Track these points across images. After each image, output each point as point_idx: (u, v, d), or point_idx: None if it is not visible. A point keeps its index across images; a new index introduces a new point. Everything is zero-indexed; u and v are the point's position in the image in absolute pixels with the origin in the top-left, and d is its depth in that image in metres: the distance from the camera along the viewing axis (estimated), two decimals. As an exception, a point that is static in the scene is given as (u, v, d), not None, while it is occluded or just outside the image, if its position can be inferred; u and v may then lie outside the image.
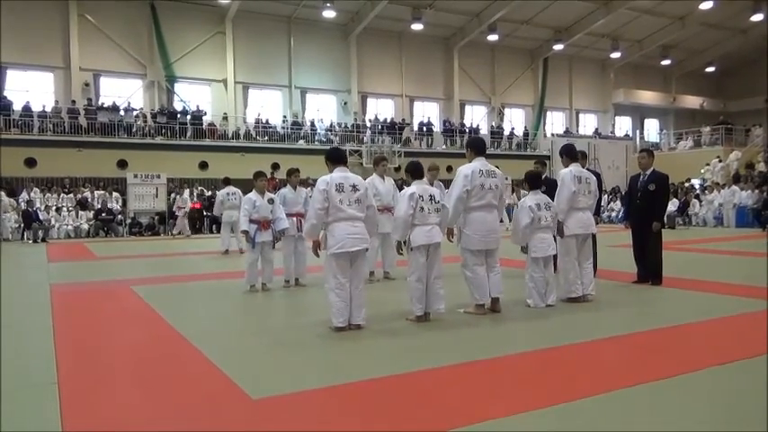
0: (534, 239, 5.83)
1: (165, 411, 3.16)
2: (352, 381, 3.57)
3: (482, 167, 5.48)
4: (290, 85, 27.39)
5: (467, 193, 5.41)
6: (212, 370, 3.88)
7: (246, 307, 6.62)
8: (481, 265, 5.46)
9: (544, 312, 5.60)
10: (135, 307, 6.42)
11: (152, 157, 22.09)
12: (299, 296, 7.12)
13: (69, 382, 3.66)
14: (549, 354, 4.18)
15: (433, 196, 5.29)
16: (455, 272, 7.36)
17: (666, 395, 3.27)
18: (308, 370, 3.90)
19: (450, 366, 3.84)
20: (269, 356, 4.28)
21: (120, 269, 10.16)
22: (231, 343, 4.72)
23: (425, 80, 30.38)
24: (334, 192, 4.89)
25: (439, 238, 5.24)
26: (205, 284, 8.13)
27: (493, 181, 5.48)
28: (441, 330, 4.93)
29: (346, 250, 4.85)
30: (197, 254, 13.14)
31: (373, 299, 5.96)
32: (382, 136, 27.37)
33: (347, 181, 4.96)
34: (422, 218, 5.21)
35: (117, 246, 15.67)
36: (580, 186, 6.13)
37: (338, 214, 4.90)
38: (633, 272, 7.44)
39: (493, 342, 4.61)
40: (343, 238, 4.86)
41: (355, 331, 4.87)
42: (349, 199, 4.91)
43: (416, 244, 5.17)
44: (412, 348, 4.40)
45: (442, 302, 5.25)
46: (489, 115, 32.49)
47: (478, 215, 5.44)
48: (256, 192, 7.33)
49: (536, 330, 4.98)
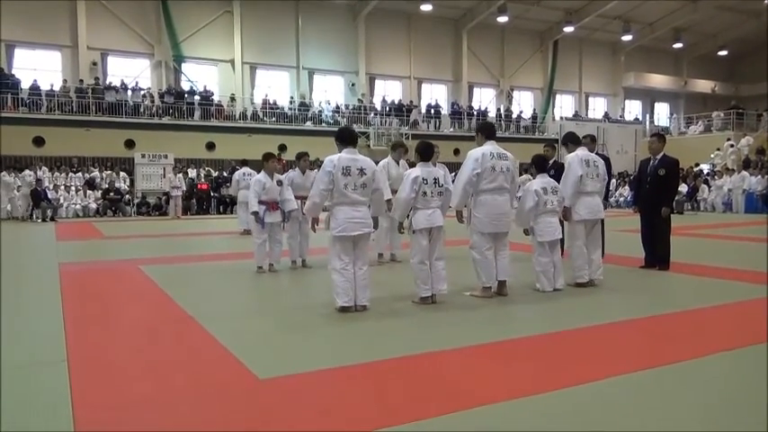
0: (540, 223, 5.80)
1: (172, 390, 3.18)
2: (358, 362, 3.58)
3: (493, 150, 5.43)
4: (297, 65, 27.23)
5: (477, 176, 5.36)
6: (219, 350, 3.90)
7: (254, 288, 6.65)
8: (489, 249, 5.45)
9: (551, 296, 5.60)
10: (143, 286, 6.46)
11: (159, 137, 22.12)
12: (305, 277, 7.14)
13: (78, 360, 3.70)
14: (555, 337, 4.17)
15: (437, 179, 5.24)
16: (459, 254, 7.35)
17: (674, 380, 3.26)
18: (315, 350, 3.91)
19: (455, 349, 3.84)
20: (276, 337, 4.30)
21: (129, 249, 10.22)
22: (239, 323, 4.74)
23: (434, 62, 30.12)
24: (341, 175, 4.84)
25: (440, 222, 5.22)
26: (213, 265, 8.16)
27: (504, 163, 5.42)
28: (446, 312, 4.94)
29: (348, 234, 4.87)
30: (205, 234, 13.20)
31: (380, 281, 5.98)
32: (390, 118, 27.24)
33: (355, 164, 4.89)
34: (424, 202, 5.19)
35: (125, 225, 15.76)
36: (588, 170, 6.05)
37: (342, 198, 4.88)
38: (641, 257, 7.40)
39: (499, 325, 4.61)
40: (345, 222, 4.86)
41: (361, 312, 4.88)
42: (354, 183, 4.86)
43: (418, 227, 5.18)
44: (417, 330, 4.41)
45: (443, 283, 5.26)
46: (498, 98, 32.22)
47: (489, 198, 5.39)
48: (266, 173, 7.32)
49: (542, 314, 4.98)
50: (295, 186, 7.65)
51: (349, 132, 5.13)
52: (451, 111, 29.51)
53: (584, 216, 6.02)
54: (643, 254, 7.37)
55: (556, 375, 3.35)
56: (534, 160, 6.09)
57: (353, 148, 5.02)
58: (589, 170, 6.06)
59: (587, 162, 6.08)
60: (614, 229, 10.94)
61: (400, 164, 7.92)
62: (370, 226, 4.98)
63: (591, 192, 6.07)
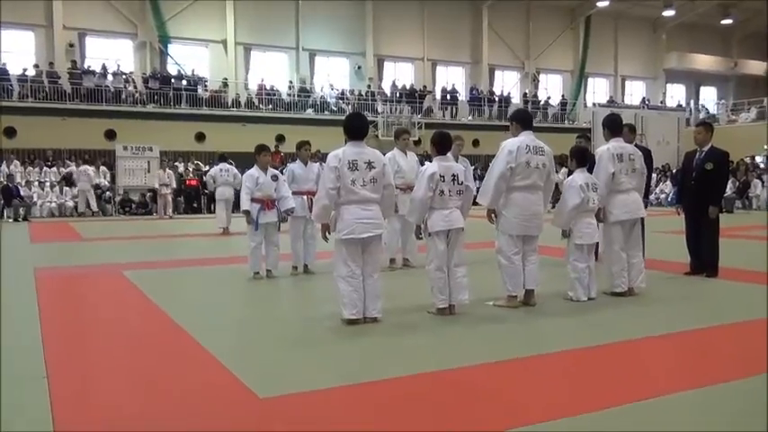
0: (580, 224, 5.76)
1: (163, 410, 3.22)
2: (367, 380, 3.60)
3: (529, 143, 5.42)
4: (297, 46, 27.31)
5: (510, 171, 5.35)
6: (214, 365, 3.94)
7: (250, 296, 6.70)
8: (517, 253, 5.45)
9: (584, 306, 5.59)
10: (127, 294, 6.53)
11: (143, 127, 22.25)
12: (308, 285, 7.18)
13: (59, 376, 3.75)
14: (589, 353, 4.18)
15: (456, 176, 5.20)
16: (481, 259, 7.36)
17: (720, 402, 3.26)
18: (320, 367, 3.94)
19: (475, 366, 3.86)
20: (277, 351, 4.33)
21: (110, 252, 10.32)
22: (234, 336, 4.79)
23: (450, 42, 30.09)
24: (347, 170, 4.82)
25: (460, 223, 5.21)
26: (204, 270, 8.23)
27: (540, 159, 5.41)
28: (466, 325, 4.95)
29: (356, 236, 4.84)
30: (195, 235, 13.29)
31: (392, 289, 6.00)
32: (400, 105, 27.26)
33: (362, 157, 4.87)
34: (441, 201, 5.16)
35: (106, 226, 15.89)
36: (621, 165, 5.99)
37: (349, 196, 4.85)
38: (685, 262, 7.38)
39: (525, 339, 4.62)
40: (353, 223, 4.83)
41: (371, 325, 4.90)
42: (363, 178, 4.84)
43: (434, 229, 5.16)
44: (433, 345, 4.44)
45: (465, 292, 5.26)
46: (522, 82, 32.14)
47: (520, 196, 5.39)
48: (258, 167, 7.35)
49: (574, 326, 4.98)
50: (297, 179, 7.67)
51: (357, 122, 5.12)
52: (470, 97, 29.48)
53: (621, 216, 5.99)
54: (688, 259, 7.34)
55: (592, 395, 3.36)
56: (574, 152, 6.07)
57: (360, 141, 5.01)
58: (623, 165, 6.01)
59: (620, 156, 6.02)
60: (655, 230, 10.89)
61: (408, 154, 7.93)
62: (381, 227, 4.98)
63: (626, 189, 6.03)
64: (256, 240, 7.30)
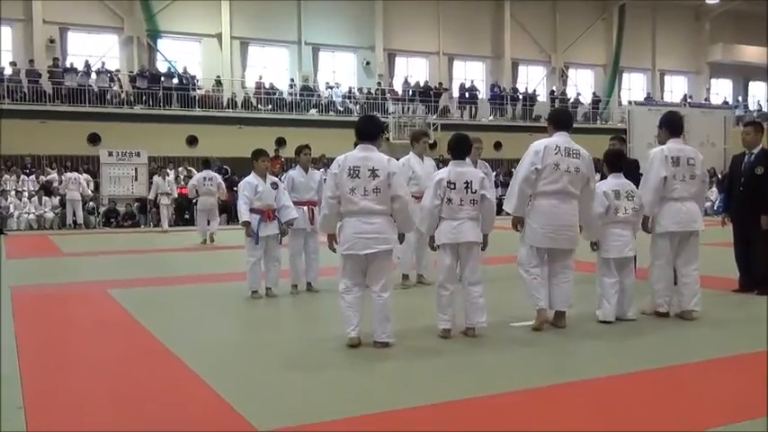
0: (607, 236, 5.73)
1: (151, 444, 3.23)
2: (376, 411, 3.60)
3: (561, 143, 5.38)
4: (299, 40, 27.48)
5: (536, 173, 5.32)
6: (208, 393, 3.95)
7: (248, 317, 6.72)
8: (537, 266, 5.43)
9: (618, 328, 5.55)
10: (112, 315, 6.56)
11: (130, 130, 22.39)
12: (311, 304, 7.19)
13: (38, 407, 3.77)
14: (617, 382, 4.15)
15: (469, 183, 5.17)
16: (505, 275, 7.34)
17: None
18: (324, 396, 3.94)
19: (491, 396, 3.85)
20: (276, 378, 4.34)
21: (94, 268, 10.39)
22: (230, 361, 4.80)
23: (469, 34, 30.16)
24: (346, 177, 4.82)
25: (471, 237, 5.18)
26: (198, 288, 8.26)
27: (573, 162, 5.34)
28: (484, 349, 4.95)
29: (355, 253, 4.86)
30: (187, 250, 13.35)
31: (404, 308, 6.00)
32: (413, 104, 27.32)
33: (366, 163, 4.84)
34: (449, 211, 5.17)
35: (89, 239, 15.98)
36: (677, 170, 5.86)
37: (348, 207, 4.86)
38: (734, 277, 7.32)
39: (545, 366, 4.59)
40: (352, 237, 4.84)
41: (381, 349, 4.90)
42: (365, 188, 4.80)
43: (440, 242, 5.23)
44: (447, 372, 4.44)
45: (482, 314, 5.23)
46: (549, 78, 32.14)
47: (546, 203, 5.34)
48: (256, 174, 7.38)
49: (603, 351, 4.95)
50: (297, 188, 7.67)
51: (368, 123, 5.14)
52: (491, 95, 29.50)
53: (669, 227, 5.88)
54: (736, 274, 7.28)
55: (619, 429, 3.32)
56: (606, 155, 6.07)
57: (370, 144, 4.99)
58: (679, 170, 5.87)
59: (676, 159, 5.88)
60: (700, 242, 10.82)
61: (425, 160, 7.94)
62: (388, 242, 4.90)
63: (680, 197, 5.89)
64: (256, 255, 7.32)
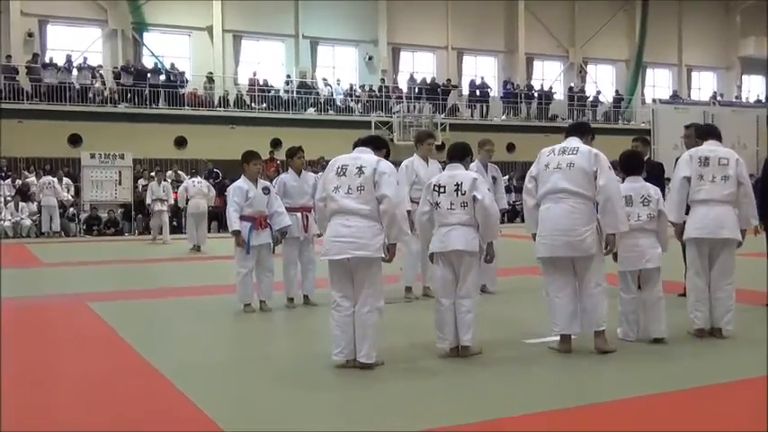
0: (622, 246, 5.63)
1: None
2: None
3: (559, 145, 5.41)
4: (296, 33, 27.54)
5: (533, 181, 5.38)
6: (195, 414, 3.96)
7: (238, 332, 6.74)
8: (552, 283, 5.36)
9: (635, 348, 5.48)
10: (93, 330, 6.58)
11: (114, 130, 22.44)
12: (306, 319, 7.20)
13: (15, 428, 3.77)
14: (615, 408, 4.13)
15: (459, 185, 5.14)
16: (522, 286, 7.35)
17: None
18: (321, 418, 3.96)
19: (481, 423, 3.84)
20: (266, 399, 4.35)
21: (75, 279, 10.41)
22: (220, 381, 4.80)
23: (479, 27, 30.20)
24: (333, 175, 4.89)
25: (459, 245, 5.09)
26: (185, 301, 8.28)
27: (566, 159, 5.27)
28: (484, 369, 4.95)
29: (329, 258, 4.83)
30: (174, 259, 13.38)
31: (405, 324, 6.00)
32: (420, 102, 27.34)
33: (354, 162, 4.88)
34: (438, 216, 5.19)
35: (69, 248, 16.02)
36: (705, 170, 5.81)
37: (330, 205, 4.91)
38: (766, 291, 7.30)
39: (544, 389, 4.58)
40: (328, 241, 4.84)
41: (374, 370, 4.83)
42: (348, 186, 4.81)
43: (430, 251, 5.27)
44: (441, 394, 4.45)
45: (467, 331, 5.12)
46: (566, 74, 32.16)
47: (543, 208, 5.34)
48: (247, 179, 7.39)
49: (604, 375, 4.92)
50: (289, 193, 7.64)
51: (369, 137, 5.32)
52: (503, 92, 29.53)
53: (692, 233, 5.80)
54: (770, 287, 7.26)
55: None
56: (622, 158, 6.04)
57: (368, 148, 5.06)
58: (707, 170, 5.81)
59: (704, 160, 5.84)
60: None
61: (429, 163, 7.94)
62: (366, 248, 4.74)
63: (707, 200, 5.81)
64: (247, 266, 7.29)
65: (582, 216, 5.19)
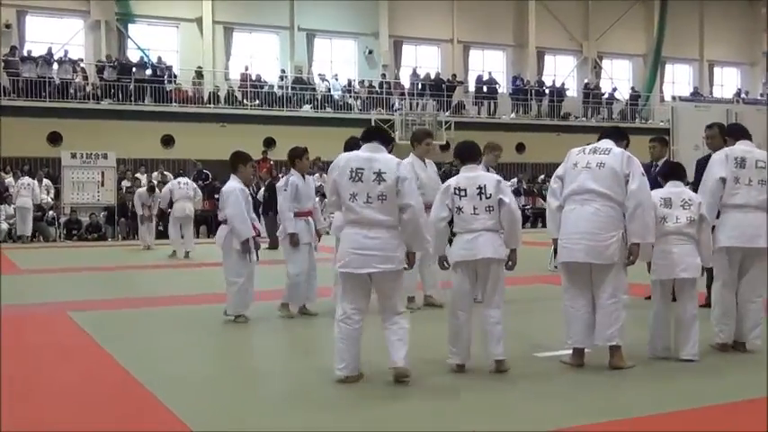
0: (656, 253, 5.57)
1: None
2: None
3: (590, 145, 5.43)
4: (291, 25, 27.56)
5: (558, 182, 5.36)
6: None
7: (231, 345, 6.74)
8: (568, 290, 5.36)
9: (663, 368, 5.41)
10: (74, 341, 6.58)
11: (96, 128, 22.46)
12: (304, 330, 7.22)
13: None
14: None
15: (483, 188, 5.13)
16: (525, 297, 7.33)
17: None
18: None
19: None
20: (268, 417, 4.34)
21: (54, 287, 10.42)
22: (210, 397, 4.80)
23: (487, 19, 30.21)
24: (347, 181, 4.79)
25: (489, 252, 5.09)
26: (173, 311, 8.29)
27: (596, 158, 5.25)
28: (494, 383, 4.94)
29: (350, 271, 4.82)
30: (160, 267, 13.38)
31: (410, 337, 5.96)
32: (423, 99, 27.35)
33: (371, 166, 4.80)
34: (462, 222, 5.14)
35: (48, 254, 16.03)
36: (741, 172, 5.75)
37: (348, 215, 4.86)
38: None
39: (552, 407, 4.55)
40: (348, 253, 4.81)
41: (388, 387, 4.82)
42: (368, 194, 4.75)
43: (453, 260, 5.20)
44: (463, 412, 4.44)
45: (498, 345, 5.14)
46: (580, 69, 32.18)
47: (568, 209, 5.30)
48: (239, 181, 7.46)
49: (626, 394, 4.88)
50: (299, 196, 7.67)
51: (374, 129, 5.25)
52: (513, 88, 29.53)
53: (726, 242, 5.75)
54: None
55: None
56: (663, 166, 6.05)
57: (380, 145, 4.99)
58: (743, 172, 5.76)
59: (741, 161, 5.78)
60: None
61: (427, 163, 7.97)
62: (393, 260, 4.79)
63: (742, 205, 5.77)
64: (243, 274, 7.37)
65: (608, 220, 5.16)
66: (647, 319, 5.74)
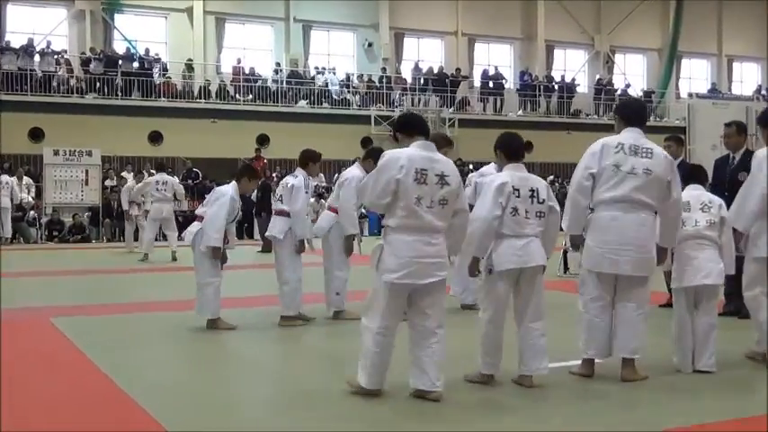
0: (675, 259, 5.58)
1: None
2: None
3: (626, 140, 5.21)
4: (287, 16, 27.60)
5: (591, 179, 5.16)
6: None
7: (220, 352, 6.74)
8: (597, 300, 5.26)
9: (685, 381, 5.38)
10: (56, 349, 6.58)
11: (80, 124, 22.51)
12: (301, 337, 7.23)
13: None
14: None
15: (536, 191, 5.02)
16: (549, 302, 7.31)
17: None
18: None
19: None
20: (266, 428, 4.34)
21: (35, 292, 10.41)
22: (200, 407, 4.80)
23: (493, 11, 30.27)
24: (412, 182, 4.57)
25: (540, 260, 5.01)
26: (162, 317, 8.27)
27: (641, 162, 5.11)
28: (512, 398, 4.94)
29: (411, 282, 4.69)
30: (148, 270, 13.39)
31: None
32: (425, 95, 27.39)
33: (433, 167, 4.66)
34: (513, 225, 4.98)
35: (29, 257, 16.02)
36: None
37: (408, 220, 4.63)
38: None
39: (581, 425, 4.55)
40: (410, 262, 4.60)
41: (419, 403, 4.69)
42: (431, 198, 4.61)
43: (501, 267, 4.99)
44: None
45: (543, 358, 5.06)
46: (592, 64, 32.23)
47: (606, 215, 5.15)
48: (237, 191, 7.51)
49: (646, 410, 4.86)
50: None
51: (418, 119, 5.16)
52: (520, 83, 29.58)
53: (763, 252, 5.58)
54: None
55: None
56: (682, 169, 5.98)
57: (428, 141, 4.87)
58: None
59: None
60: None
61: None
62: (446, 267, 4.76)
63: None
64: (219, 275, 7.46)
65: (651, 231, 5.19)
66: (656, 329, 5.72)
